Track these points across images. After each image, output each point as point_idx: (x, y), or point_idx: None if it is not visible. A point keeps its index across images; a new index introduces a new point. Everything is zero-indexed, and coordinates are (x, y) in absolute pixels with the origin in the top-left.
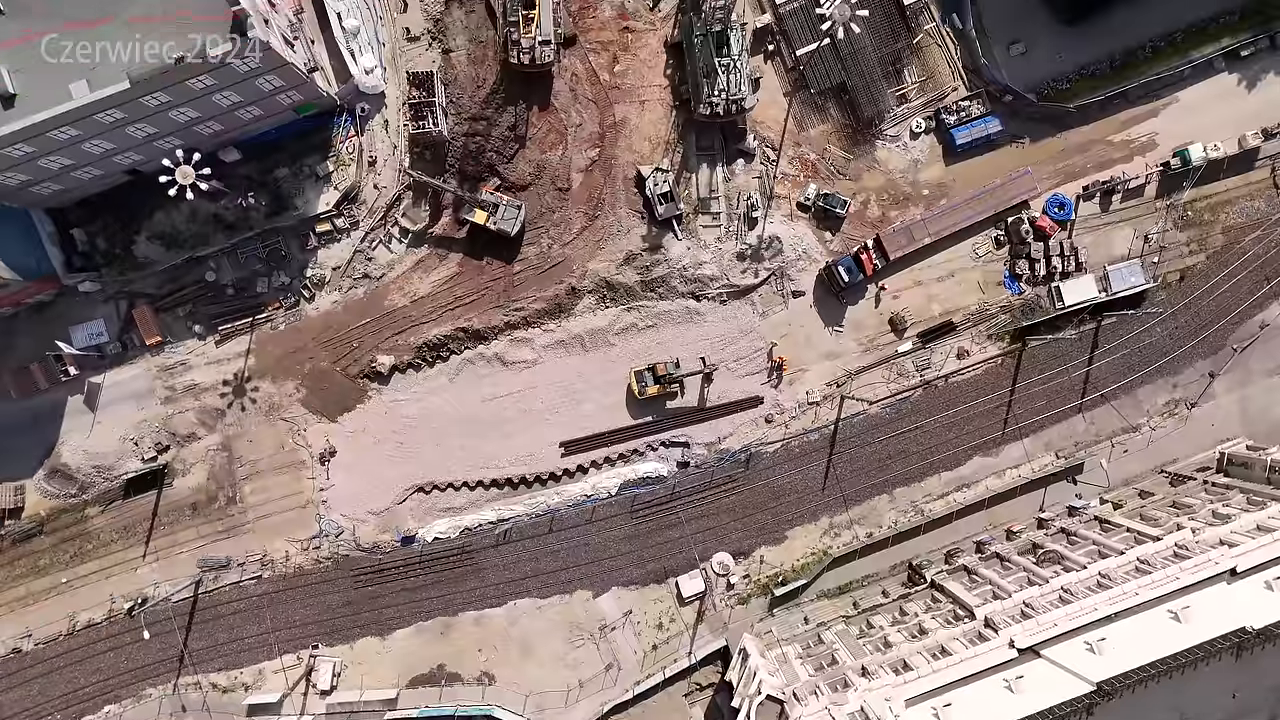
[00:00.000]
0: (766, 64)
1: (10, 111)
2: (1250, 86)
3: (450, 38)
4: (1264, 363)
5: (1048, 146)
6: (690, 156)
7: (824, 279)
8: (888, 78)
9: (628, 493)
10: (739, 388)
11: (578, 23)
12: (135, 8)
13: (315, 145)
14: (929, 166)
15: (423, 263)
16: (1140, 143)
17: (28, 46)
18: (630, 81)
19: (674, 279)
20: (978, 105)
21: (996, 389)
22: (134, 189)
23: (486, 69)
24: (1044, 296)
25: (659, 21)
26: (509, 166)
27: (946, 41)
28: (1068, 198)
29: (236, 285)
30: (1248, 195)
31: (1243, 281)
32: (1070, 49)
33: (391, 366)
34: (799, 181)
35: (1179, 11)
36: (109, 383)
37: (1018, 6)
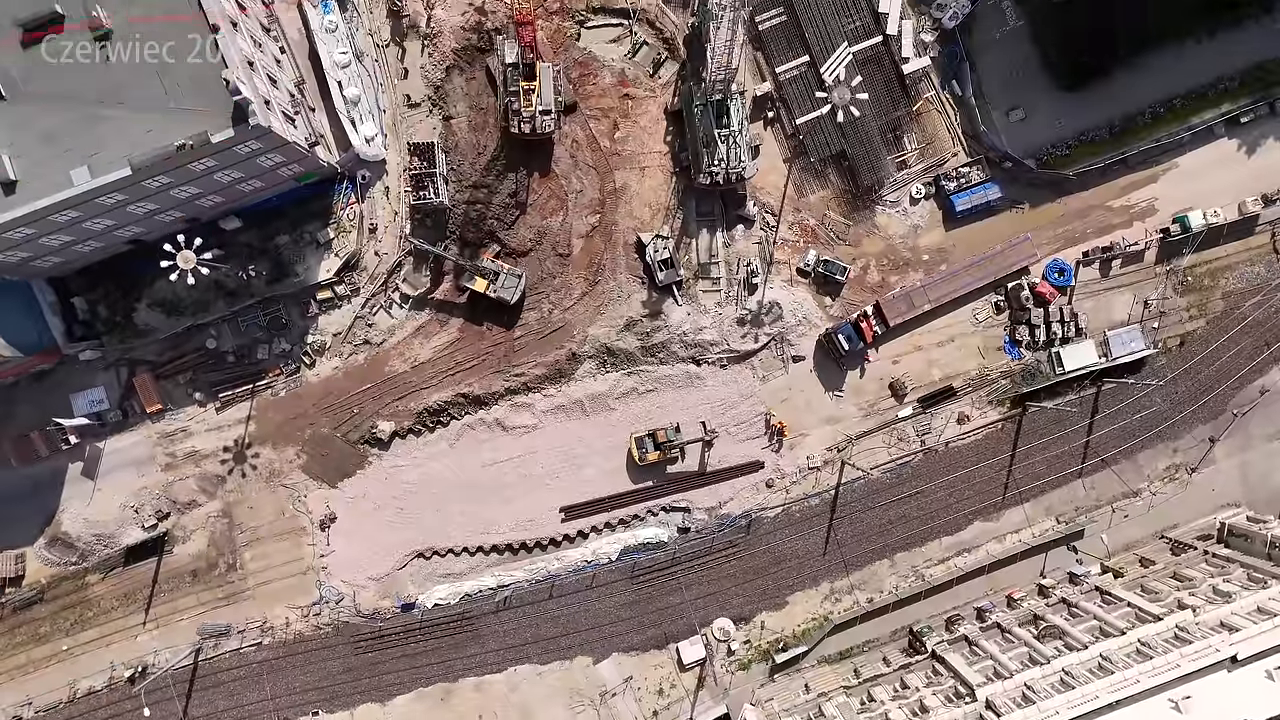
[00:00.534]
0: (766, 130)
1: (12, 198)
2: (1250, 152)
3: (451, 105)
4: (1264, 428)
5: (1048, 211)
6: (690, 222)
7: (824, 344)
8: (888, 145)
9: (628, 558)
10: (740, 452)
11: (578, 90)
12: (137, 93)
13: (316, 212)
14: (929, 231)
15: (423, 328)
16: (1140, 208)
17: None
18: (631, 148)
19: (674, 344)
20: (977, 171)
21: (997, 454)
22: (135, 256)
23: (487, 135)
24: (1044, 362)
25: (659, 89)
26: (510, 233)
27: (946, 107)
28: (1068, 263)
29: (237, 352)
30: (1248, 260)
31: (1243, 347)
32: (1070, 115)
33: (392, 432)
34: (799, 247)
35: (1178, 77)
36: (109, 450)
37: (1017, 73)
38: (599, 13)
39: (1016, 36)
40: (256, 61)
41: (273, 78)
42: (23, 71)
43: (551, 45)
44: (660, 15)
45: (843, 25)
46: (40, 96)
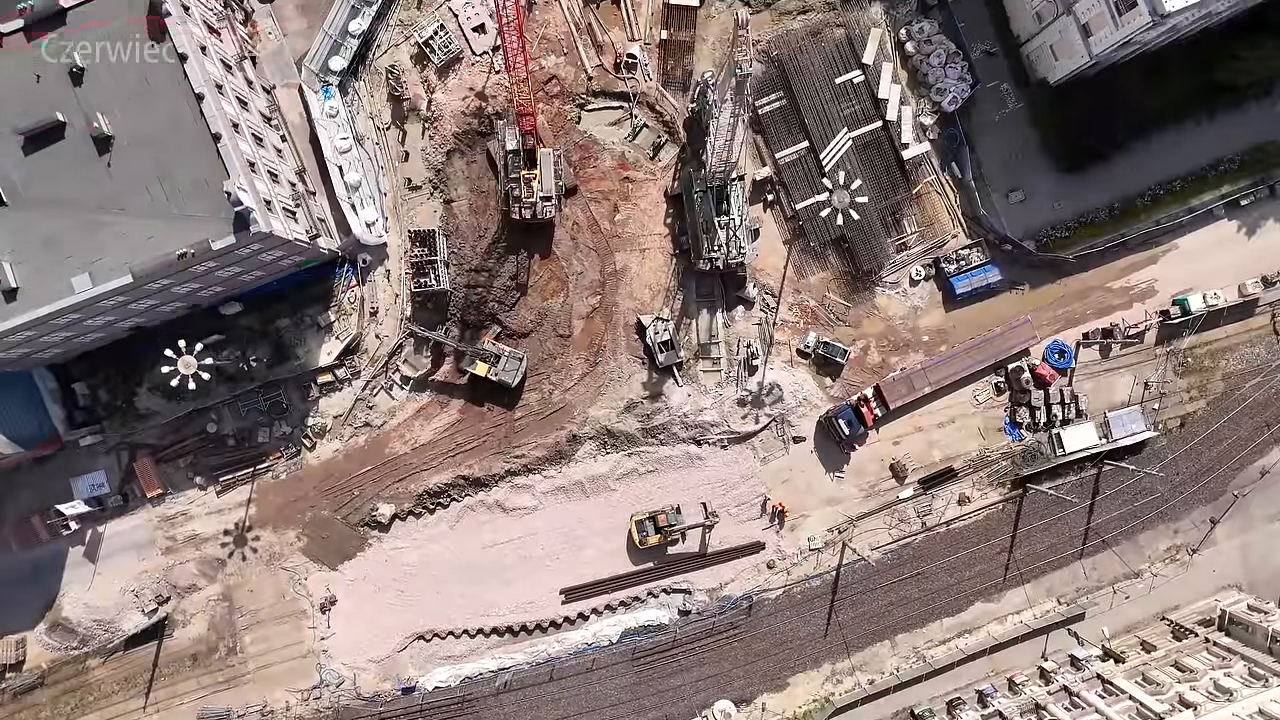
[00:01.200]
0: (766, 212)
1: (13, 304)
2: (1250, 233)
3: (452, 187)
4: (1265, 509)
5: (1047, 293)
6: (690, 303)
7: (824, 426)
8: (887, 228)
9: (629, 640)
10: (741, 533)
11: (579, 173)
12: (138, 199)
13: (317, 295)
14: (929, 312)
15: (424, 410)
16: (1140, 289)
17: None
18: (631, 230)
19: (675, 426)
20: (977, 253)
21: (998, 534)
22: (135, 341)
23: (488, 218)
24: (1045, 443)
25: (659, 171)
26: (510, 314)
27: (946, 189)
28: (1068, 344)
29: (238, 436)
30: (1248, 342)
31: (1243, 427)
32: (1069, 196)
33: (392, 515)
34: (799, 328)
35: (1178, 159)
36: (110, 533)
37: (1017, 155)
38: (599, 96)
39: (1016, 119)
40: (258, 161)
41: (274, 172)
42: (24, 177)
43: (552, 129)
44: (660, 99)
45: (841, 110)
46: (41, 202)
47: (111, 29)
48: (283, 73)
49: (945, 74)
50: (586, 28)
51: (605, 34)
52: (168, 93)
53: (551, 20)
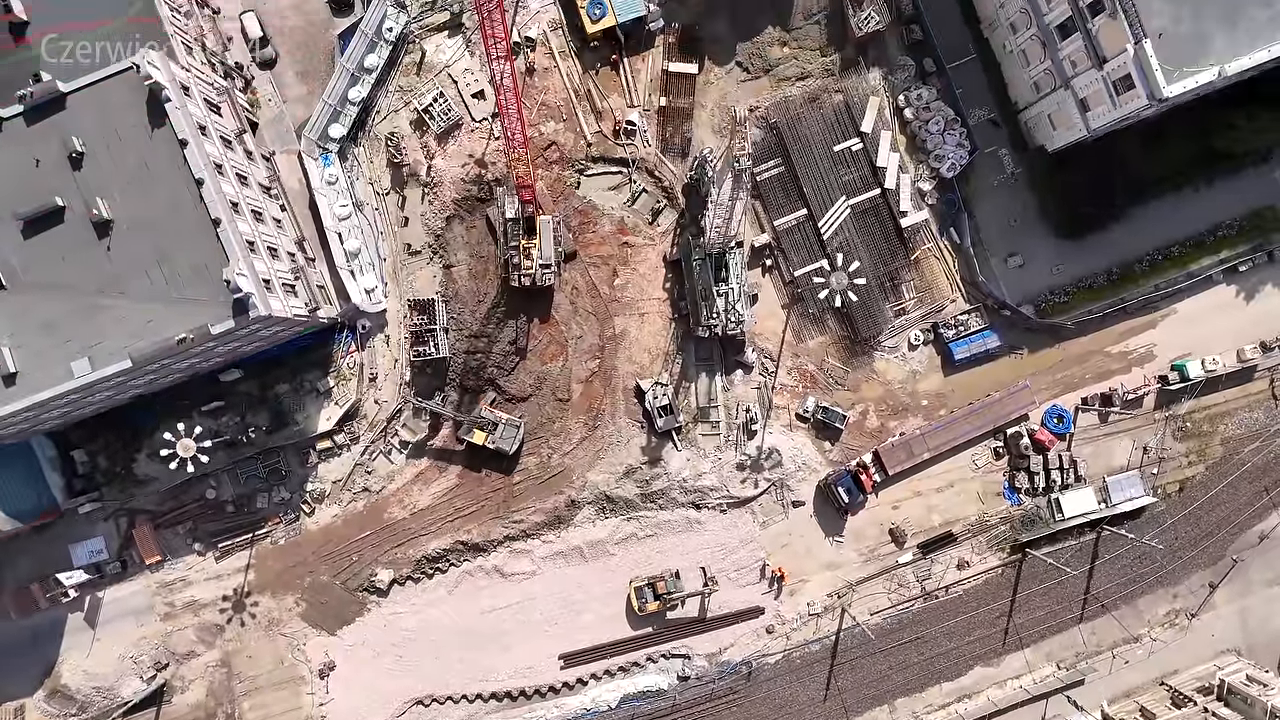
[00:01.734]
0: (764, 277)
1: (12, 389)
2: (1249, 298)
3: (451, 253)
4: (1263, 573)
5: (1046, 356)
6: (689, 366)
7: (824, 490)
8: (886, 293)
9: (628, 706)
10: (740, 598)
11: (578, 238)
12: (137, 283)
13: (316, 361)
14: (927, 377)
15: (422, 475)
16: (1139, 354)
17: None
18: (630, 294)
19: (674, 490)
20: (976, 319)
21: (997, 599)
22: (134, 408)
23: (488, 283)
24: (1044, 508)
25: (658, 237)
26: (509, 379)
27: (944, 254)
28: (1066, 409)
29: (237, 502)
30: (1246, 407)
31: (1242, 492)
32: (1068, 261)
33: (391, 580)
34: (798, 392)
35: (1177, 224)
36: (109, 599)
37: (1015, 220)
38: (598, 161)
39: (1014, 184)
40: (257, 239)
41: (273, 248)
42: (23, 260)
43: (551, 194)
44: (659, 164)
45: (840, 176)
46: (41, 285)
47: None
48: (282, 139)
49: (944, 140)
50: (586, 94)
51: (604, 100)
52: (167, 177)
53: (550, 86)
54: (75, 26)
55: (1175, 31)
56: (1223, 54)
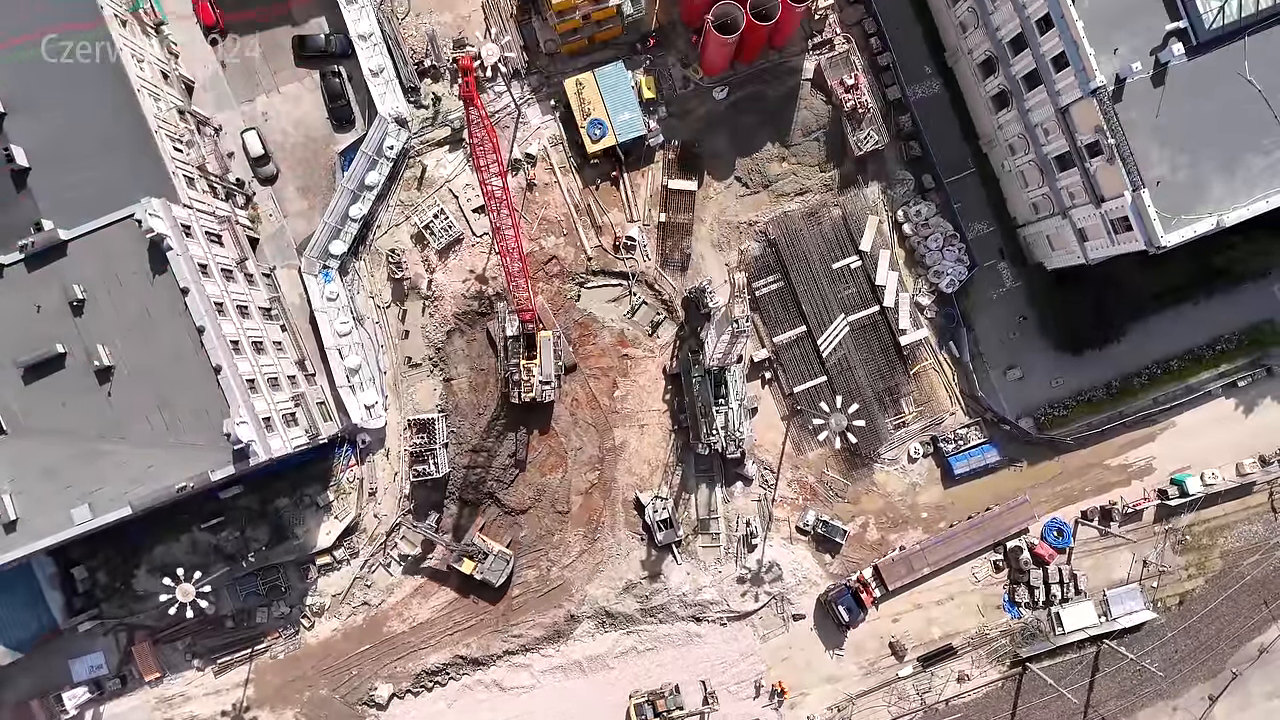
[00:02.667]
0: (764, 389)
1: (13, 535)
2: (1248, 411)
3: (451, 366)
4: (1263, 686)
5: (1045, 469)
6: (689, 478)
7: (824, 604)
8: (885, 407)
9: None
10: (740, 711)
11: (578, 350)
12: (137, 428)
13: (316, 475)
14: (927, 489)
15: (422, 588)
16: (1138, 467)
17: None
18: (630, 406)
19: (674, 605)
20: (975, 432)
21: (997, 712)
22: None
23: (488, 395)
24: (1044, 621)
25: (658, 349)
26: (509, 492)
27: (944, 367)
28: (1066, 523)
29: (236, 617)
30: (1246, 519)
31: (1242, 605)
32: (1068, 374)
33: (390, 694)
34: (798, 504)
35: (1176, 338)
36: (108, 714)
37: (1014, 333)
38: (599, 274)
39: (1013, 297)
40: (258, 375)
41: (274, 378)
42: (24, 406)
43: (552, 307)
44: (659, 278)
45: (838, 292)
46: (41, 431)
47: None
48: (283, 254)
49: (943, 256)
50: (586, 209)
51: (604, 215)
52: (168, 323)
53: (551, 202)
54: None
55: (1173, 179)
56: (1221, 202)
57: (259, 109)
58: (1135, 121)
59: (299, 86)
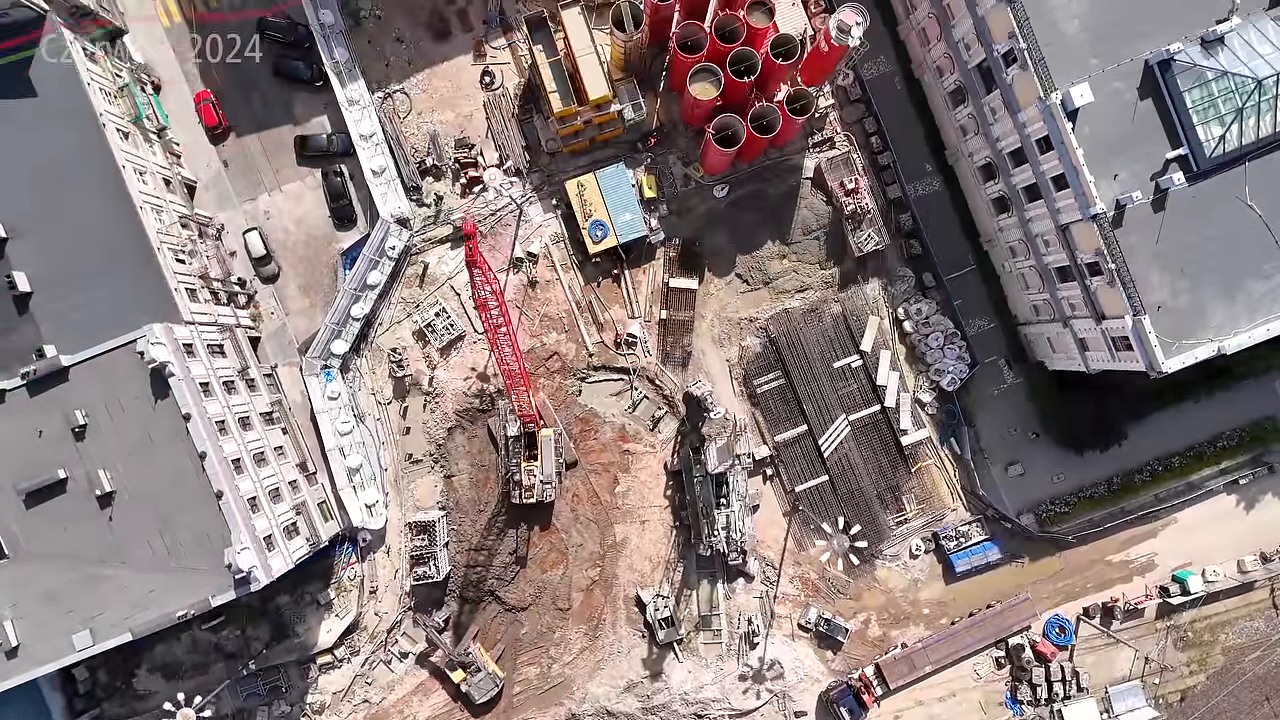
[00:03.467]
0: (766, 484)
1: (14, 661)
2: (1249, 508)
3: (452, 462)
4: None
5: (1047, 565)
6: (691, 574)
7: (826, 702)
8: (886, 504)
9: None
10: None
11: (579, 445)
12: (138, 553)
13: (316, 573)
14: (929, 585)
15: (423, 685)
16: (1139, 563)
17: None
18: (631, 502)
19: (675, 703)
20: (976, 529)
21: None
22: None
23: (489, 491)
24: (1047, 718)
25: (659, 444)
26: (509, 589)
27: (945, 463)
28: (1068, 619)
29: (236, 716)
30: (1247, 616)
31: (1244, 701)
32: (1069, 470)
33: None
34: (800, 601)
35: (1177, 435)
36: None
37: (1015, 429)
38: (600, 369)
39: (1014, 394)
40: (260, 490)
41: (276, 490)
42: (25, 530)
43: (553, 403)
44: (660, 374)
45: (839, 389)
46: (42, 555)
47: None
48: (284, 352)
49: (944, 354)
50: (587, 306)
51: (605, 312)
52: (170, 447)
53: (553, 299)
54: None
55: (1174, 304)
56: (1222, 327)
57: (261, 207)
58: (1136, 246)
59: (301, 185)
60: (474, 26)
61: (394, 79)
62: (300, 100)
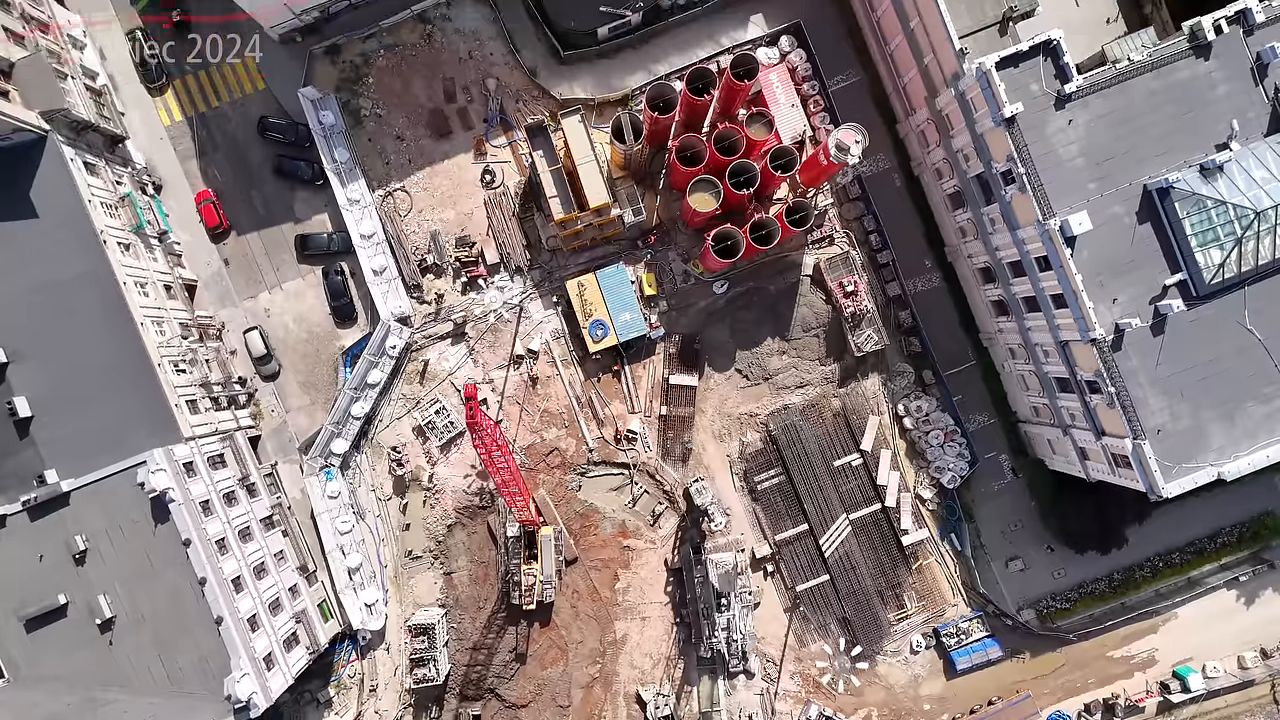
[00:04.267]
0: (767, 580)
1: None
2: (1249, 603)
3: (452, 559)
4: None
5: (1048, 660)
6: (691, 670)
7: None
8: (886, 601)
9: None
10: None
11: (579, 541)
12: (138, 677)
13: (317, 671)
14: (930, 680)
15: None
16: (1140, 658)
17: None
18: (631, 599)
19: None
20: (977, 625)
21: None
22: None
23: (489, 588)
24: None
25: (660, 540)
26: (509, 686)
27: (945, 559)
28: (1069, 715)
29: None
30: (1248, 711)
31: None
32: (1070, 566)
33: None
34: (800, 698)
35: (1177, 531)
36: None
37: (1016, 524)
38: (600, 464)
39: (1014, 489)
40: (260, 605)
41: (276, 601)
42: (25, 653)
43: (553, 499)
44: (660, 469)
45: (839, 486)
46: (43, 679)
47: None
48: (284, 449)
49: (944, 452)
50: (588, 401)
51: (606, 407)
52: (170, 572)
53: (553, 394)
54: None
55: (1174, 428)
56: (1222, 450)
57: (261, 305)
58: (1135, 370)
59: (301, 282)
60: (474, 125)
61: (395, 177)
62: (301, 199)
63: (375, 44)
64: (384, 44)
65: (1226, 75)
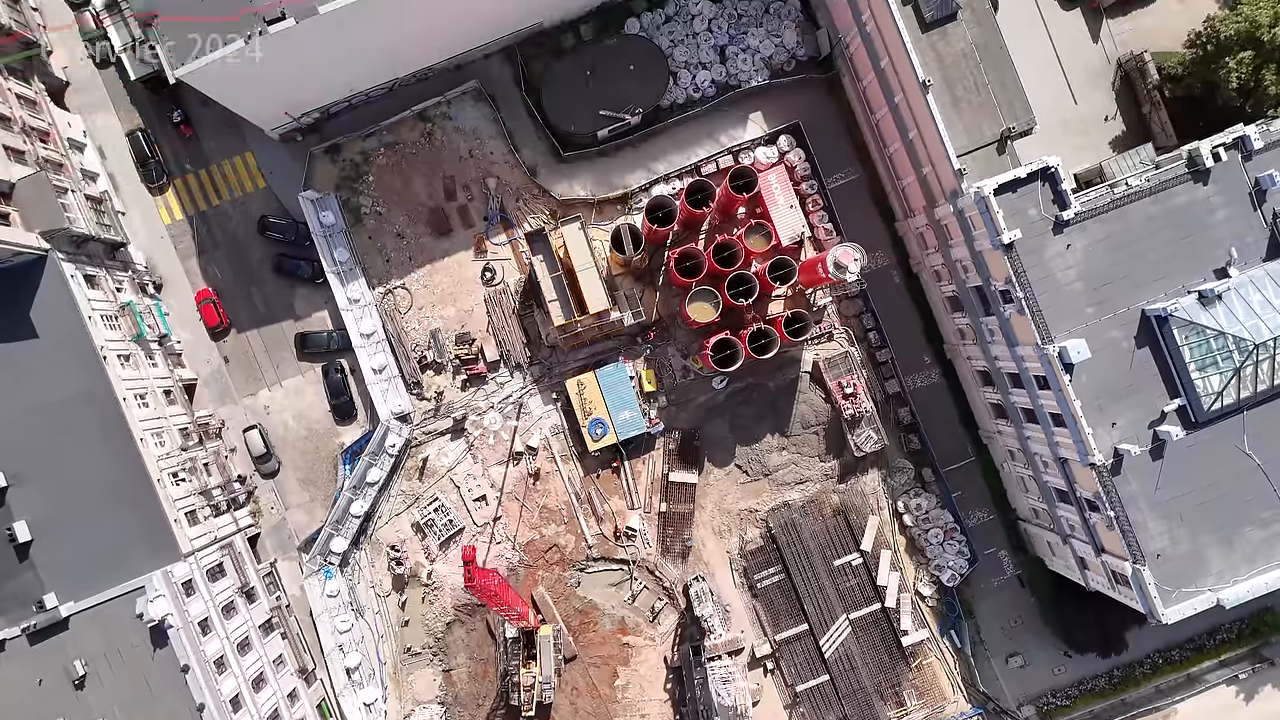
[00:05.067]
0: (767, 676)
1: None
2: (1249, 699)
3: (451, 656)
4: None
5: None
6: None
7: None
8: (886, 699)
9: None
10: None
11: (578, 638)
12: None
13: None
14: None
15: None
16: None
17: None
18: (631, 696)
19: None
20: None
21: None
22: None
23: (488, 684)
24: None
25: (659, 637)
26: None
27: (945, 655)
28: None
29: None
30: None
31: None
32: (1070, 662)
33: None
34: None
35: (1177, 628)
36: None
37: (1016, 620)
38: (599, 560)
39: (1014, 585)
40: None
41: (275, 714)
42: None
43: (551, 595)
44: (659, 566)
45: (839, 585)
46: None
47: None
48: (284, 546)
49: (944, 550)
50: (587, 498)
51: (605, 503)
52: (168, 697)
53: (552, 490)
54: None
55: (1173, 552)
56: (1221, 574)
57: (261, 402)
58: (1135, 494)
59: (301, 380)
60: (475, 223)
61: (395, 274)
62: (301, 297)
63: (375, 142)
64: (384, 142)
65: (1225, 200)
